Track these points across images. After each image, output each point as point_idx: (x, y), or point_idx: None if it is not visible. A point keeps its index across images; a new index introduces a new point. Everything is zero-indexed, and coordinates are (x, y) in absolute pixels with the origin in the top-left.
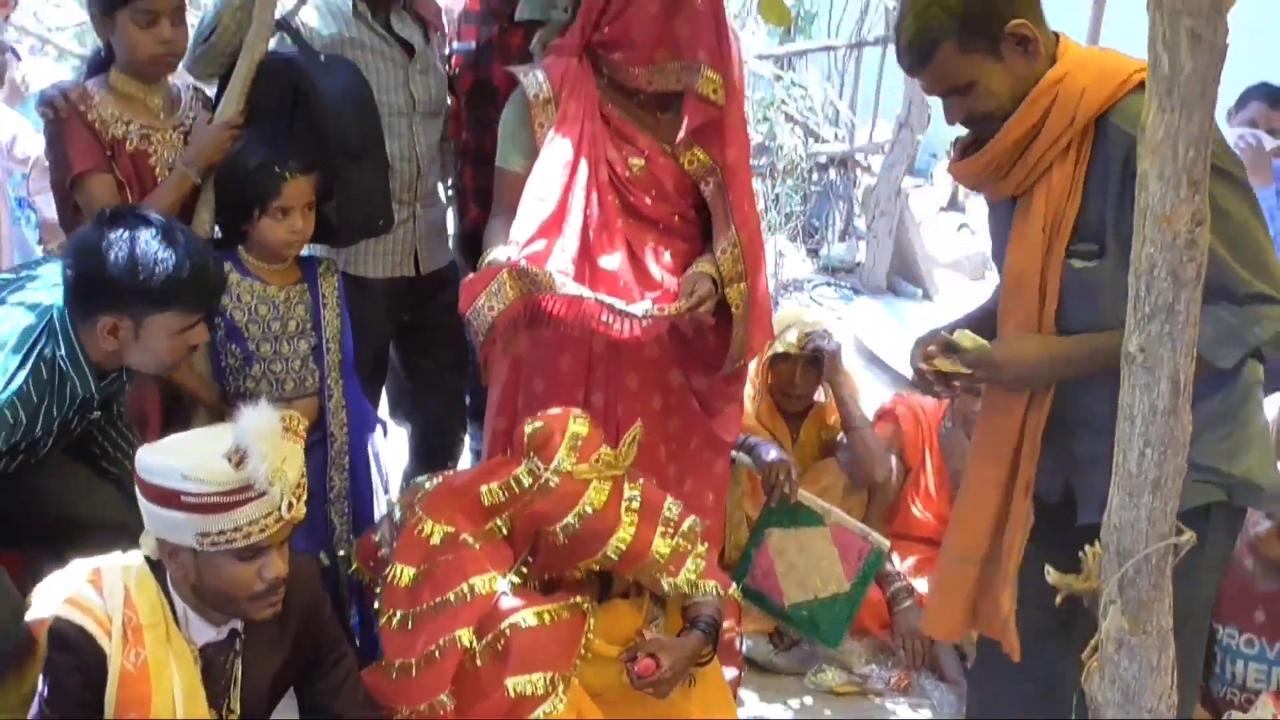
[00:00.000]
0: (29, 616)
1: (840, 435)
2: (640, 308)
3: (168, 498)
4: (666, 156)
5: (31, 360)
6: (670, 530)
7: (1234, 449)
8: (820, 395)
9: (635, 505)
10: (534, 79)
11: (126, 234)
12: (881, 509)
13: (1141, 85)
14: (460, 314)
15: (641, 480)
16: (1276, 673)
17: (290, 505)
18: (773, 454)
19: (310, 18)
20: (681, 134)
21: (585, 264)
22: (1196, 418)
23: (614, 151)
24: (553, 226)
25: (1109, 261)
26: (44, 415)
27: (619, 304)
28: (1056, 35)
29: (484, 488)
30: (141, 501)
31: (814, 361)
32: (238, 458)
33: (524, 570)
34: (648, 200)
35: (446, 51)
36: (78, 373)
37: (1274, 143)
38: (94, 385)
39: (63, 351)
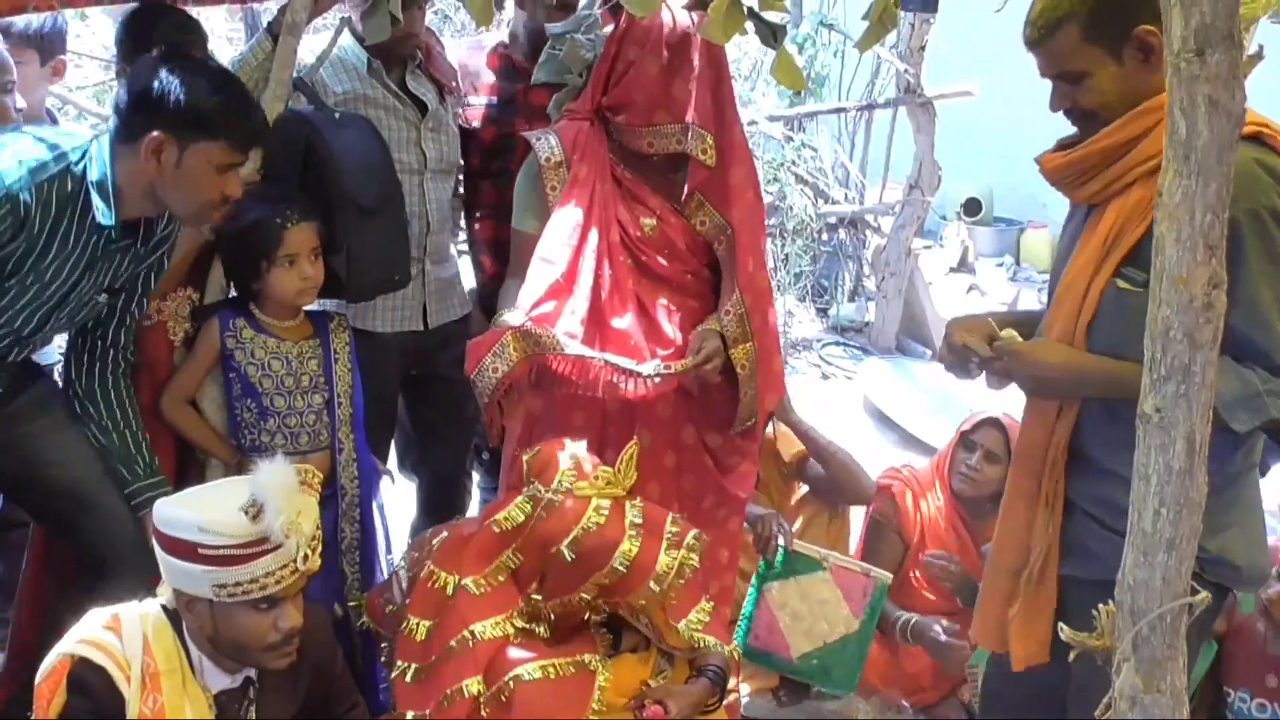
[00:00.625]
0: (48, 659)
1: (810, 464)
2: (649, 367)
3: (185, 549)
4: (678, 216)
5: (61, 167)
6: (674, 544)
7: (1214, 526)
8: (770, 430)
9: (638, 520)
10: (545, 143)
11: (190, 62)
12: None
13: (1255, 137)
14: (466, 375)
15: (640, 500)
16: None
17: (306, 557)
18: (758, 510)
19: (325, 75)
20: (686, 192)
21: (595, 325)
22: None
23: (625, 212)
24: (562, 288)
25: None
26: (60, 239)
27: (626, 364)
28: None
29: (491, 521)
30: (159, 553)
31: None
32: (254, 511)
33: (535, 599)
34: (660, 259)
35: (461, 109)
36: (104, 199)
37: None
38: (115, 219)
39: (94, 176)
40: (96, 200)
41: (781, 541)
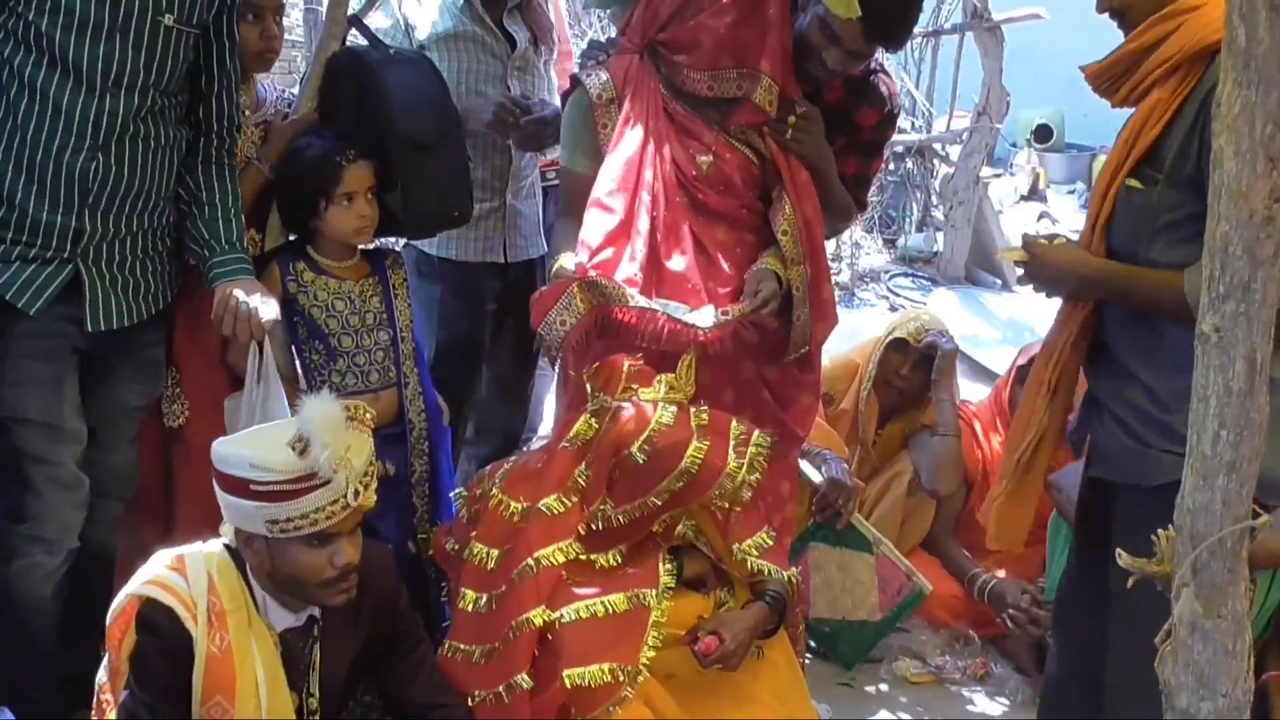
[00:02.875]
0: (117, 600)
1: (919, 442)
2: (706, 317)
3: (239, 486)
4: (733, 151)
5: None
6: (741, 444)
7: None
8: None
9: (704, 420)
10: (597, 79)
11: None
12: (949, 520)
13: None
14: (533, 328)
15: (705, 405)
16: None
17: (357, 493)
18: (839, 474)
19: (412, 10)
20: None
21: (653, 268)
22: None
23: (680, 149)
24: (619, 234)
25: (1157, 191)
26: None
27: (685, 317)
28: None
29: (562, 441)
30: (217, 491)
31: (925, 360)
32: (301, 446)
33: (603, 509)
34: (716, 196)
35: (557, 63)
36: None
37: None
38: None
39: None
40: None
41: (841, 514)
